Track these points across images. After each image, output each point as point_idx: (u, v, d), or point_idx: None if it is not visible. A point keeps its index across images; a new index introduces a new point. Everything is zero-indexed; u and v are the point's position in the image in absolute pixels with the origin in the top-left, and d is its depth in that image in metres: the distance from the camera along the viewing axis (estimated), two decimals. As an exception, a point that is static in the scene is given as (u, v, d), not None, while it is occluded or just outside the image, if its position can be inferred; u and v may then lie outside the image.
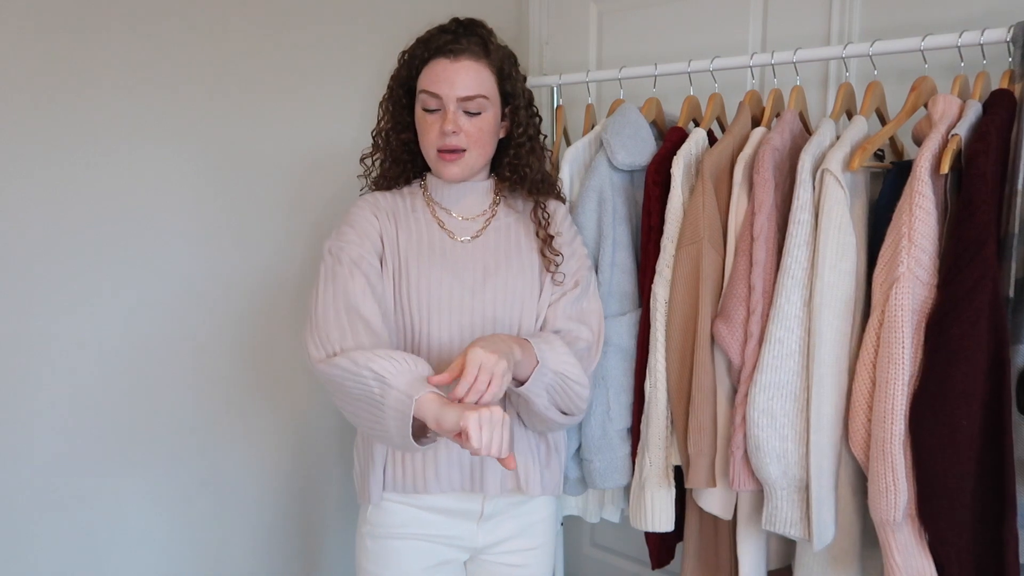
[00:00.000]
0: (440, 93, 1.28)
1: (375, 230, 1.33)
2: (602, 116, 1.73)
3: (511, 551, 1.39)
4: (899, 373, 1.18)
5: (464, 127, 1.29)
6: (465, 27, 1.32)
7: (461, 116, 1.29)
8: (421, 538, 1.34)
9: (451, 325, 1.30)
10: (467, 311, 1.31)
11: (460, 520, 1.35)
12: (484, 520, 1.36)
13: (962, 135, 1.22)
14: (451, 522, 1.34)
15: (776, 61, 1.52)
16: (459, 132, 1.28)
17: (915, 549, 1.22)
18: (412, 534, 1.33)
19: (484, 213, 1.39)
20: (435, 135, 1.30)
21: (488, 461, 1.30)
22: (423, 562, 1.34)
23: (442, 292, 1.31)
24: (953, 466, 1.17)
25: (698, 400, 1.38)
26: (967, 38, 1.32)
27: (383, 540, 1.34)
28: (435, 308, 1.30)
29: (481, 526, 1.36)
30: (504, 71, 1.34)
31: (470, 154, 1.31)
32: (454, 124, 1.27)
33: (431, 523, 1.34)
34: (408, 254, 1.33)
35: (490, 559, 1.39)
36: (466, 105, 1.28)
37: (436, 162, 1.32)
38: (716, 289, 1.40)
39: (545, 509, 1.42)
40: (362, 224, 1.32)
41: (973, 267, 1.15)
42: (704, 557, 1.53)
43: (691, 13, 1.95)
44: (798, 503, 1.32)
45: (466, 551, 1.38)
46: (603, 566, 2.28)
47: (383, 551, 1.34)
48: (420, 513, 1.33)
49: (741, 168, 1.41)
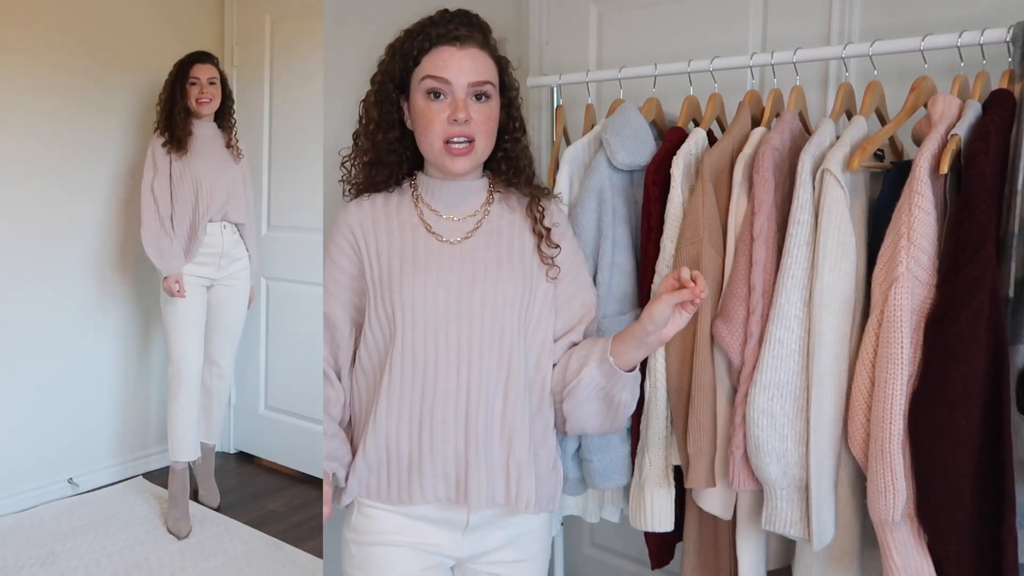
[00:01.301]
0: (450, 79, 1.23)
1: (348, 259, 1.34)
2: (602, 116, 1.73)
3: (498, 562, 1.35)
4: (898, 373, 1.18)
5: (473, 115, 1.25)
6: (462, 17, 1.28)
7: (471, 103, 1.25)
8: (405, 545, 1.30)
9: (436, 332, 1.27)
10: (452, 317, 1.27)
11: (445, 529, 1.32)
12: (470, 531, 1.32)
13: (961, 135, 1.22)
14: (435, 530, 1.32)
15: (776, 61, 1.52)
16: (470, 120, 1.24)
17: (914, 549, 1.22)
18: (396, 541, 1.30)
19: (476, 214, 1.34)
20: (441, 125, 1.24)
21: (472, 473, 1.27)
22: (407, 568, 1.30)
23: (427, 298, 1.27)
24: (952, 466, 1.17)
25: (698, 400, 1.38)
26: (967, 38, 1.32)
27: (367, 547, 1.31)
28: (419, 314, 1.27)
29: (467, 536, 1.33)
30: (502, 62, 1.33)
31: (478, 144, 1.27)
32: (465, 111, 1.23)
33: (415, 531, 1.31)
34: (391, 261, 1.30)
35: (476, 568, 1.36)
36: (475, 91, 1.25)
37: (442, 155, 1.26)
38: (716, 289, 1.40)
39: (535, 520, 1.37)
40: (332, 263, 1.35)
41: (972, 267, 1.15)
42: (704, 557, 1.53)
43: (691, 13, 1.95)
44: (798, 503, 1.32)
45: (451, 559, 1.35)
46: (603, 566, 2.28)
47: (367, 558, 1.31)
48: (404, 520, 1.31)
49: (741, 168, 1.41)
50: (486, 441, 1.27)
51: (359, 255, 1.33)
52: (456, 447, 1.27)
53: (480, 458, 1.26)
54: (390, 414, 1.29)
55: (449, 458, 1.27)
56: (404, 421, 1.29)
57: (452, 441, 1.27)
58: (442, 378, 1.27)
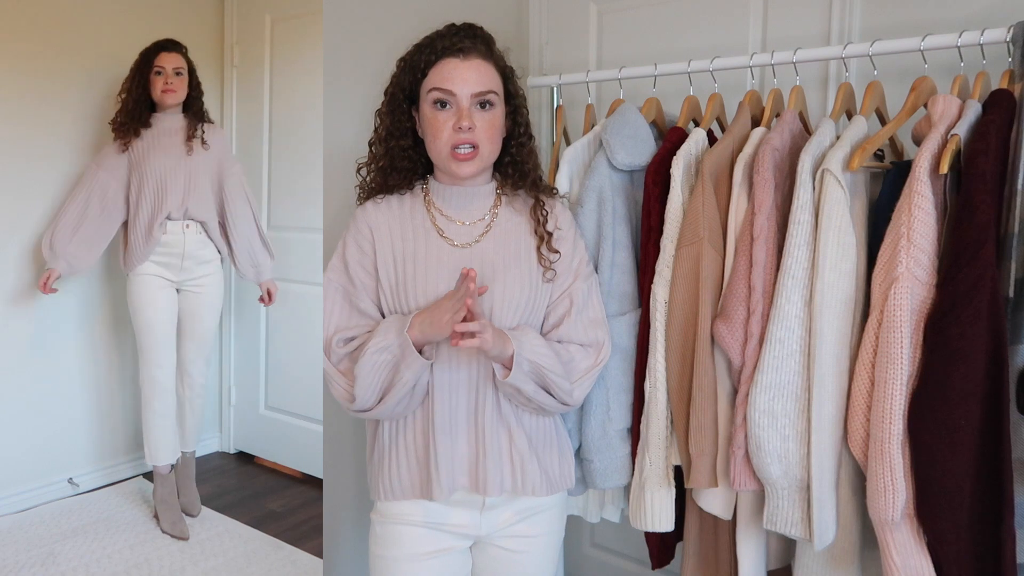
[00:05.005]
0: (454, 90, 1.30)
1: (367, 257, 1.37)
2: (602, 116, 1.73)
3: (511, 536, 1.41)
4: (898, 373, 1.18)
5: (477, 123, 1.31)
6: (467, 30, 1.35)
7: (475, 111, 1.31)
8: (425, 525, 1.37)
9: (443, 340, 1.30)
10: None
11: (464, 509, 1.38)
12: (487, 509, 1.39)
13: (961, 135, 1.22)
14: (455, 511, 1.38)
15: (776, 61, 1.52)
16: (474, 127, 1.30)
17: (913, 549, 1.22)
18: (417, 521, 1.37)
19: (484, 218, 1.39)
20: (448, 133, 1.31)
21: (489, 464, 1.34)
22: (427, 547, 1.37)
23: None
24: (952, 466, 1.17)
25: (699, 400, 1.38)
26: (967, 38, 1.32)
27: (390, 526, 1.38)
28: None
29: (484, 515, 1.39)
30: (506, 71, 1.38)
31: (483, 150, 1.33)
32: (469, 120, 1.30)
33: (435, 512, 1.37)
34: (405, 263, 1.35)
35: (492, 543, 1.42)
36: (479, 100, 1.31)
37: (449, 161, 1.32)
38: (716, 289, 1.40)
39: (547, 499, 1.42)
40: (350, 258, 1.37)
41: (972, 267, 1.15)
42: (704, 557, 1.53)
43: (691, 13, 1.95)
44: (799, 503, 1.32)
45: (470, 538, 1.41)
46: (603, 566, 2.28)
47: (389, 536, 1.38)
48: (425, 503, 1.37)
49: (741, 168, 1.41)
50: (492, 432, 1.34)
51: (373, 255, 1.37)
52: (468, 440, 1.35)
53: (491, 448, 1.34)
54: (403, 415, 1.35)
55: (463, 451, 1.34)
56: (419, 419, 1.35)
57: (464, 435, 1.34)
58: (452, 376, 1.33)
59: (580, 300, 1.39)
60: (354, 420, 1.86)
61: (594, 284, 1.44)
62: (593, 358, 1.39)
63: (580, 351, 1.39)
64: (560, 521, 1.49)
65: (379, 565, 1.40)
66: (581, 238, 1.46)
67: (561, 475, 1.43)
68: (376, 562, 1.41)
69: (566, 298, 1.39)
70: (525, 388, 1.29)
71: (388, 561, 1.38)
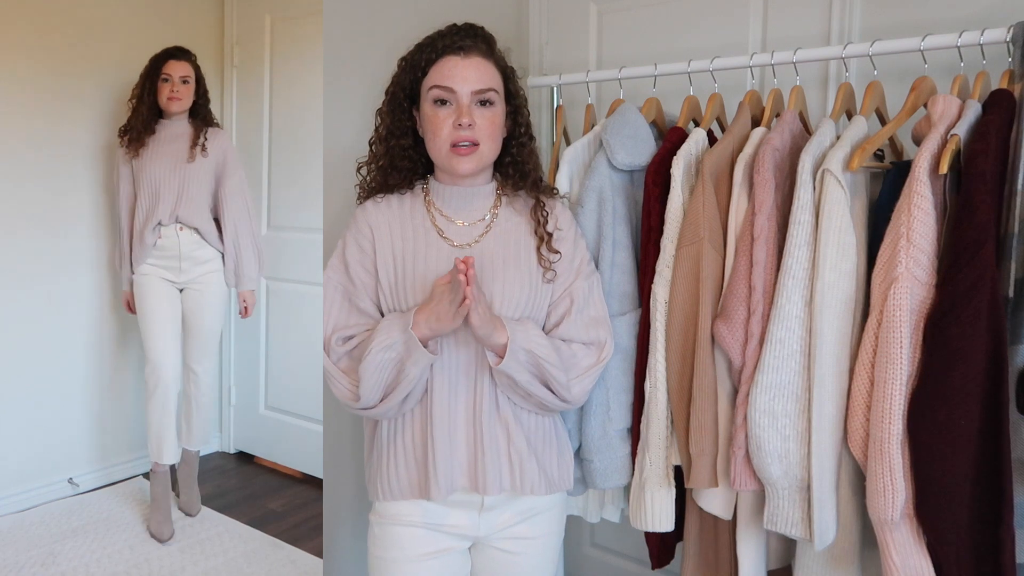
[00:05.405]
0: (454, 87, 1.30)
1: (367, 256, 1.36)
2: (602, 116, 1.73)
3: (510, 537, 1.41)
4: (897, 373, 1.18)
5: (477, 120, 1.31)
6: (468, 29, 1.35)
7: (475, 109, 1.31)
8: (423, 526, 1.37)
9: (447, 334, 1.30)
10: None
11: (462, 510, 1.37)
12: (486, 511, 1.38)
13: (961, 135, 1.22)
14: (453, 512, 1.37)
15: (776, 61, 1.53)
16: (474, 125, 1.30)
17: (913, 548, 1.22)
18: (415, 522, 1.37)
19: (484, 218, 1.39)
20: (448, 130, 1.31)
21: (487, 463, 1.33)
22: (425, 548, 1.37)
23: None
24: (951, 466, 1.17)
25: (699, 400, 1.38)
26: (967, 38, 1.32)
27: (388, 527, 1.38)
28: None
29: (483, 516, 1.38)
30: (507, 71, 1.39)
31: (483, 147, 1.33)
32: (469, 117, 1.30)
33: (434, 512, 1.37)
34: (404, 262, 1.35)
35: (491, 544, 1.42)
36: (479, 97, 1.31)
37: (449, 158, 1.32)
38: (716, 289, 1.40)
39: (548, 498, 1.42)
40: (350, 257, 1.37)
41: (972, 267, 1.15)
42: (704, 557, 1.53)
43: (691, 13, 1.95)
44: (800, 503, 1.32)
45: (469, 539, 1.41)
46: (603, 566, 2.28)
47: (388, 537, 1.38)
48: (424, 504, 1.36)
49: (741, 168, 1.41)
50: (491, 432, 1.34)
51: (373, 254, 1.37)
52: (467, 439, 1.34)
53: (489, 447, 1.33)
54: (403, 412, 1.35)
55: (462, 450, 1.34)
56: (417, 419, 1.35)
57: (463, 434, 1.34)
58: (452, 376, 1.33)
59: (581, 299, 1.39)
60: (354, 420, 1.86)
61: (596, 283, 1.44)
62: (595, 356, 1.39)
63: (583, 349, 1.39)
64: (560, 523, 1.48)
65: (378, 566, 1.40)
66: (582, 237, 1.46)
67: (560, 475, 1.43)
68: (375, 563, 1.40)
69: (567, 297, 1.39)
70: (519, 377, 1.29)
71: (387, 562, 1.38)
